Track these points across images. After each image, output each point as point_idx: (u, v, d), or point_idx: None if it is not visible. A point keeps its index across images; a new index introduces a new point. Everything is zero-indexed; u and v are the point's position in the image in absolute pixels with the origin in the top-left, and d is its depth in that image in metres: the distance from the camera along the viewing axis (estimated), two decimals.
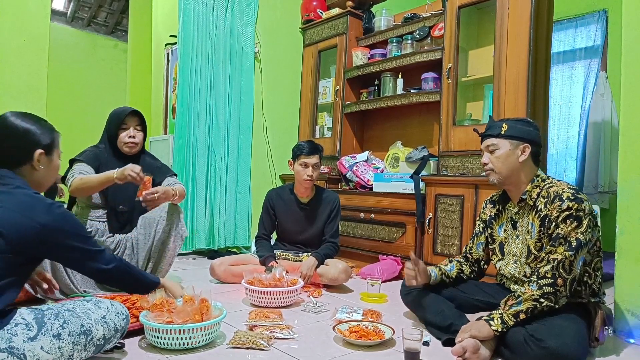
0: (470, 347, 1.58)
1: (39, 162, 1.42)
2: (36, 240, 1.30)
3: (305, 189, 2.81)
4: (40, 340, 1.23)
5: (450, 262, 2.08)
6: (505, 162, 1.81)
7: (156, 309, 1.64)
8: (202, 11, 3.63)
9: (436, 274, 1.99)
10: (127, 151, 2.40)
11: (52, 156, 1.47)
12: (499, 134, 1.82)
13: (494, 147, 1.83)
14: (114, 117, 2.40)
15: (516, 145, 1.80)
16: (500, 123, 1.85)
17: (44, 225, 1.31)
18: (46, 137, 1.44)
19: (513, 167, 1.81)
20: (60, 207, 1.39)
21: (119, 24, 7.39)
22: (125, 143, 2.38)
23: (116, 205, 2.37)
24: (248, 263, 2.75)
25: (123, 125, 2.38)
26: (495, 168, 1.83)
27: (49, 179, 1.50)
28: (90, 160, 2.31)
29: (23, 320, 1.24)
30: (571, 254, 1.63)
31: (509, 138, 1.81)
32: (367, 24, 3.95)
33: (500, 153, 1.82)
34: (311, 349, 1.70)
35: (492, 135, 1.85)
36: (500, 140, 1.82)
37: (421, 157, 3.22)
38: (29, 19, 2.57)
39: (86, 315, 1.36)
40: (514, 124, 1.82)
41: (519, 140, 1.80)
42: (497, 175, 1.84)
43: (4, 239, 1.24)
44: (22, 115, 1.44)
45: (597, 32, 4.45)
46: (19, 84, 2.54)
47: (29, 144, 1.40)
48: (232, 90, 3.80)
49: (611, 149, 4.19)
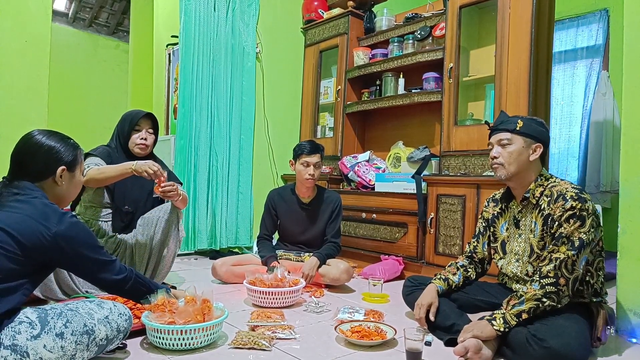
0: (472, 347, 1.58)
1: (62, 178, 1.48)
2: (48, 247, 1.34)
3: (307, 188, 2.81)
4: (43, 338, 1.25)
5: (457, 269, 2.03)
6: (517, 159, 1.79)
7: (158, 310, 1.64)
8: (203, 11, 3.64)
9: (442, 288, 1.95)
10: (138, 152, 2.41)
11: (74, 172, 1.53)
12: (515, 130, 1.79)
13: (507, 142, 1.80)
14: (128, 118, 2.42)
15: (529, 144, 1.78)
16: (515, 119, 1.82)
17: (56, 233, 1.35)
18: (69, 154, 1.50)
19: (523, 165, 1.79)
20: (73, 217, 1.43)
21: (121, 25, 7.40)
22: (136, 144, 2.40)
23: (122, 205, 2.38)
24: (250, 263, 2.75)
25: (136, 126, 2.40)
26: (505, 163, 1.80)
27: (71, 195, 1.56)
28: (104, 156, 2.33)
29: (27, 318, 1.26)
30: (574, 253, 1.62)
31: (523, 135, 1.78)
32: (368, 23, 3.95)
33: (513, 149, 1.79)
34: (313, 349, 1.70)
35: (506, 130, 1.81)
36: (515, 136, 1.79)
37: (423, 157, 3.22)
38: (30, 19, 2.57)
39: (89, 315, 1.38)
40: (529, 122, 1.80)
41: (533, 139, 1.78)
42: (505, 171, 1.81)
43: (17, 244, 1.29)
44: (48, 133, 1.51)
45: (599, 32, 4.45)
46: (20, 84, 2.54)
47: (53, 161, 1.47)
48: (234, 91, 3.80)
49: (613, 148, 4.18)
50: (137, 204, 2.39)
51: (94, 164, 2.22)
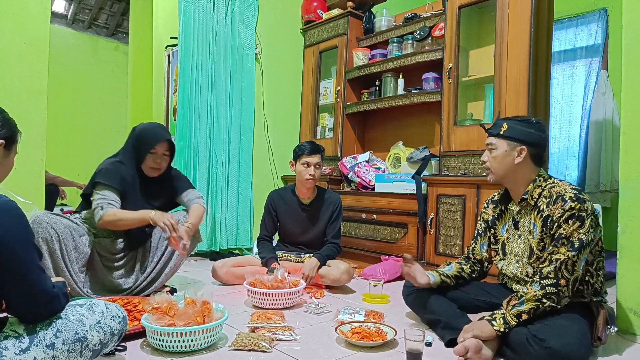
0: (472, 347, 1.57)
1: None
2: None
3: (307, 189, 2.81)
4: (33, 351, 1.17)
5: (448, 263, 2.08)
6: (501, 163, 1.81)
7: (158, 312, 1.64)
8: (202, 13, 3.64)
9: (435, 276, 1.97)
10: (150, 174, 2.33)
11: (9, 152, 1.34)
12: (498, 134, 1.82)
13: (492, 147, 1.83)
14: (146, 140, 2.28)
15: (513, 147, 1.79)
16: (501, 122, 1.83)
17: None
18: (8, 131, 1.32)
19: (508, 169, 1.81)
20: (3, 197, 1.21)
21: (120, 26, 7.39)
22: (150, 167, 2.30)
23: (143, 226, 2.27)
24: (250, 264, 2.74)
25: (152, 150, 2.27)
26: (491, 168, 1.85)
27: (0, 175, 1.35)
28: (117, 184, 2.20)
29: (13, 332, 1.18)
30: (574, 254, 1.62)
31: (506, 139, 1.80)
32: (367, 24, 3.95)
33: (496, 153, 1.82)
34: (313, 351, 1.70)
35: (491, 134, 1.85)
36: (498, 140, 1.82)
37: (422, 157, 3.22)
38: (29, 21, 2.57)
39: (80, 322, 1.30)
40: (514, 124, 1.80)
41: (516, 141, 1.78)
42: (493, 175, 1.86)
43: None
44: None
45: (598, 31, 4.45)
46: (19, 87, 2.54)
47: None
48: (233, 92, 3.80)
49: (613, 147, 4.18)
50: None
51: (107, 202, 2.14)
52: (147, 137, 2.30)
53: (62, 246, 2.09)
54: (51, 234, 2.06)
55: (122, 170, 2.27)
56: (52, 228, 2.07)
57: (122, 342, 1.60)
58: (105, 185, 2.19)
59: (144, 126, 2.38)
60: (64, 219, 2.17)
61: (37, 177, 2.56)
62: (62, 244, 2.09)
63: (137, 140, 2.32)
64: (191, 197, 2.44)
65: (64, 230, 2.12)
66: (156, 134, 2.31)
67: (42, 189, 2.59)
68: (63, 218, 2.17)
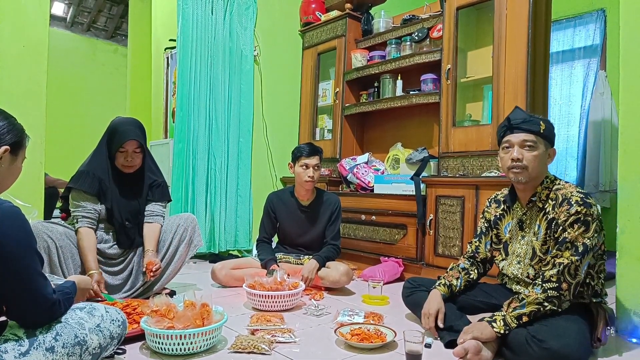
0: (472, 349, 1.57)
1: (1, 159, 1.27)
2: None
3: (306, 191, 2.81)
4: (33, 354, 1.17)
5: (459, 273, 1.98)
6: (540, 164, 1.72)
7: (157, 314, 1.64)
8: (201, 15, 3.64)
9: (445, 295, 1.91)
10: (124, 170, 2.27)
11: (17, 157, 1.33)
12: (539, 132, 1.70)
13: (532, 145, 1.70)
14: (115, 139, 2.22)
15: (547, 148, 1.75)
16: (537, 120, 1.71)
17: None
18: (14, 136, 1.31)
19: (542, 170, 1.75)
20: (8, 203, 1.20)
21: (119, 29, 7.40)
22: (122, 165, 2.25)
23: (123, 220, 2.28)
24: (249, 266, 2.74)
25: (121, 148, 2.21)
26: (529, 167, 1.71)
27: (7, 182, 1.33)
28: (91, 188, 2.19)
29: (13, 335, 1.18)
30: (577, 258, 1.61)
31: (545, 138, 1.73)
32: (365, 26, 3.96)
33: (537, 153, 1.71)
34: (313, 353, 1.69)
35: (530, 131, 1.71)
36: (539, 138, 1.72)
37: (421, 159, 3.22)
38: (28, 24, 2.57)
39: (79, 325, 1.30)
40: (547, 124, 1.72)
41: (551, 143, 1.75)
42: (527, 175, 1.72)
43: None
44: None
45: (596, 32, 4.45)
46: (18, 89, 2.54)
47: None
48: (232, 94, 3.80)
49: (611, 147, 4.18)
50: (136, 219, 2.32)
51: (82, 215, 2.16)
52: (116, 135, 2.22)
53: (59, 254, 2.09)
54: (48, 243, 2.06)
55: (98, 170, 2.23)
56: (49, 237, 2.07)
57: (121, 344, 1.60)
58: (79, 190, 2.19)
59: (116, 122, 2.28)
60: (59, 226, 2.16)
61: (36, 180, 2.56)
62: (60, 252, 2.09)
63: (109, 137, 2.27)
64: (153, 210, 2.38)
65: (61, 238, 2.11)
66: (124, 132, 2.21)
67: (41, 192, 2.59)
68: (58, 225, 2.16)
